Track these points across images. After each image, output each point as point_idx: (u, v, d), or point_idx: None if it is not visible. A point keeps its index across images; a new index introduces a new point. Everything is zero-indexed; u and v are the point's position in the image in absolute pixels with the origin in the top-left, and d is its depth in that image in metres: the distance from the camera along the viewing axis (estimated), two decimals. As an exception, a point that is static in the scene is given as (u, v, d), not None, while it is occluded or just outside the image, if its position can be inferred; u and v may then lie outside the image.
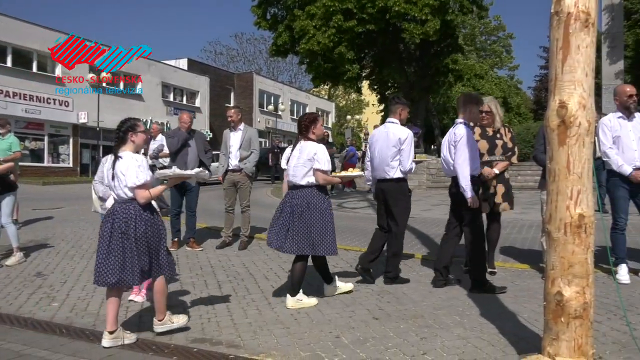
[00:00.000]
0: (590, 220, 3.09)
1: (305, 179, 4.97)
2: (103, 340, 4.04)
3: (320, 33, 20.47)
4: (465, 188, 5.12)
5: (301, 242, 4.89)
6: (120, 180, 4.07)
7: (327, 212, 4.98)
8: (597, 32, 3.25)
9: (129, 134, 4.20)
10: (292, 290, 5.01)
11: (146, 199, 4.09)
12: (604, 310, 4.49)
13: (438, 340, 3.99)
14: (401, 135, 5.59)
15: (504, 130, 6.00)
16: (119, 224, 4.03)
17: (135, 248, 4.02)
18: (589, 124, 3.06)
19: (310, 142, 5.07)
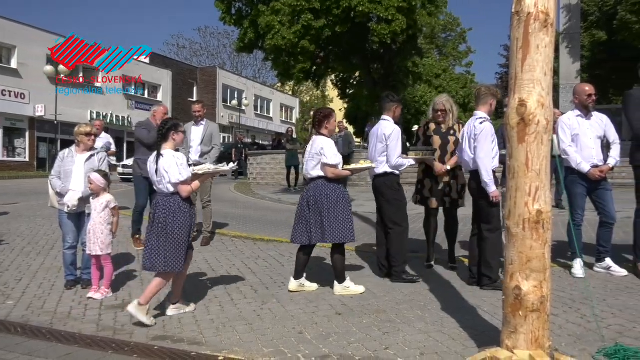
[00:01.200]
0: (547, 216, 3.16)
1: (315, 171, 5.16)
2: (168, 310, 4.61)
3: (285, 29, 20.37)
4: (488, 182, 5.07)
5: (314, 231, 5.11)
6: (163, 176, 4.48)
7: (340, 201, 5.14)
8: (555, 33, 3.33)
9: (171, 133, 4.58)
10: (338, 278, 5.23)
11: (188, 193, 4.55)
12: (560, 304, 4.61)
13: (400, 334, 4.03)
14: (387, 131, 5.62)
15: (458, 127, 6.11)
16: (159, 215, 4.47)
17: (175, 238, 4.44)
18: (547, 122, 3.13)
19: (321, 136, 5.23)
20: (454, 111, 6.09)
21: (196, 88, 44.91)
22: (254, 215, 11.30)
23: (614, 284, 5.30)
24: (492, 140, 5.13)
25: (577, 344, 3.76)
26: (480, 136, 5.11)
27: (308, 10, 19.92)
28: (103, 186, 5.25)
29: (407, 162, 5.70)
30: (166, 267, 4.45)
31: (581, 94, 5.73)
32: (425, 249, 6.38)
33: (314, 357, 3.65)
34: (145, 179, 7.51)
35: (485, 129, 5.13)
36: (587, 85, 5.84)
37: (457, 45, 50.96)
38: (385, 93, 6.23)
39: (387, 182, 5.69)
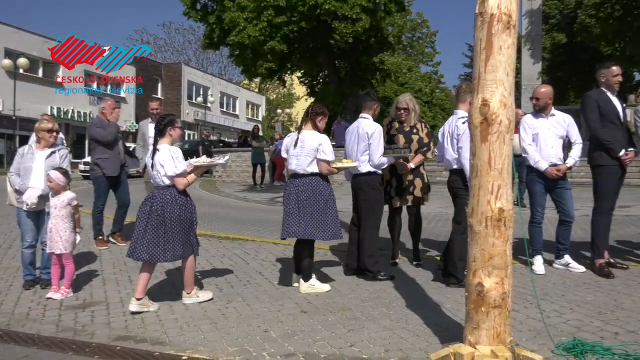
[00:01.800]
0: (509, 214, 3.22)
1: (310, 168, 5.14)
2: (130, 305, 4.58)
3: (251, 26, 20.26)
4: None
5: (307, 227, 5.10)
6: (159, 170, 4.64)
7: (331, 199, 5.21)
8: (518, 35, 3.39)
9: (167, 129, 4.74)
10: (304, 276, 5.22)
11: (184, 186, 4.71)
12: (521, 300, 4.71)
13: (365, 331, 4.05)
14: (369, 130, 5.61)
15: (421, 125, 6.18)
16: (156, 208, 4.61)
17: (170, 229, 4.59)
18: (509, 121, 3.18)
19: (313, 132, 5.23)
20: (417, 110, 6.15)
21: (161, 84, 44.27)
22: (219, 213, 11.22)
23: (572, 280, 5.43)
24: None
25: (537, 338, 3.85)
26: (464, 136, 5.06)
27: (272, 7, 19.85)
28: (63, 184, 5.14)
29: (388, 161, 5.72)
30: (165, 258, 4.64)
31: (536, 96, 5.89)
32: (390, 247, 6.43)
33: (279, 356, 3.64)
34: (106, 179, 7.38)
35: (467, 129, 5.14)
36: (544, 87, 5.98)
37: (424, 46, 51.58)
38: (365, 91, 6.25)
39: (369, 181, 5.68)
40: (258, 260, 6.62)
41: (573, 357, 3.49)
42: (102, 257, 6.82)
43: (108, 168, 7.32)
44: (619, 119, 5.66)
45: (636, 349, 3.60)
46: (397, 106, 6.16)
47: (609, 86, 5.74)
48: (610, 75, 5.73)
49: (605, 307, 4.54)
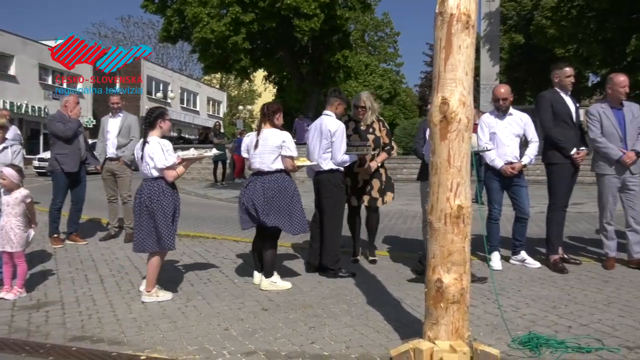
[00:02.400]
0: (468, 211, 3.27)
1: (275, 164, 5.17)
2: (142, 297, 4.80)
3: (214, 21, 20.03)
4: None
5: (277, 220, 5.15)
6: (148, 162, 4.71)
7: (296, 195, 5.27)
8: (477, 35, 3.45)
9: (158, 121, 4.83)
10: (266, 273, 5.23)
11: (174, 178, 4.80)
12: (478, 295, 4.79)
13: (326, 329, 4.07)
14: (332, 127, 5.60)
15: (378, 125, 6.20)
16: (144, 199, 4.73)
17: (162, 219, 4.71)
18: (468, 120, 3.23)
19: (275, 129, 5.26)
20: (374, 108, 6.17)
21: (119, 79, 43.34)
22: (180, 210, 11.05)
23: (528, 276, 5.56)
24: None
25: (494, 333, 3.93)
26: None
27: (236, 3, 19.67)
28: (17, 182, 4.98)
29: (350, 158, 5.73)
30: (159, 247, 4.77)
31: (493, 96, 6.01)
32: (351, 245, 6.45)
33: (239, 354, 3.62)
34: (65, 175, 7.19)
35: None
36: (502, 87, 6.10)
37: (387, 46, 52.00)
38: (333, 88, 6.26)
39: (331, 179, 5.68)
40: (219, 258, 6.56)
41: (529, 350, 3.58)
42: (57, 256, 6.64)
43: (67, 164, 7.14)
44: (571, 119, 5.82)
45: (588, 341, 3.71)
46: (355, 104, 6.17)
47: (562, 86, 5.90)
48: (563, 75, 5.89)
49: (560, 301, 4.67)
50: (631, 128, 5.69)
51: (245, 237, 7.76)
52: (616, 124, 5.71)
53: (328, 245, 5.67)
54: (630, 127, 5.69)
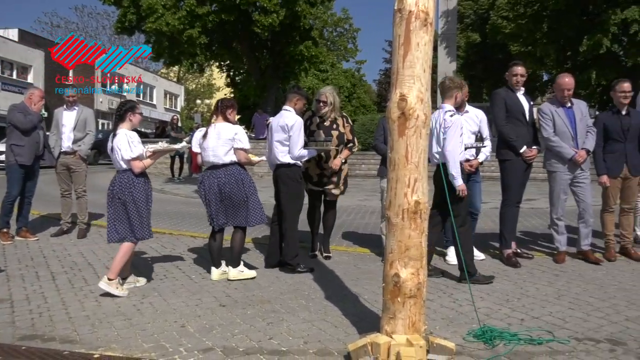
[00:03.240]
0: (425, 206, 3.31)
1: (228, 157, 5.24)
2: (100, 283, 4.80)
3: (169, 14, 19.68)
4: (455, 175, 5.07)
5: (237, 215, 5.26)
6: (117, 153, 4.81)
7: (252, 187, 5.35)
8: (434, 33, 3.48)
9: (128, 114, 4.92)
10: (233, 262, 5.30)
11: (140, 169, 4.87)
12: (435, 289, 4.87)
13: (284, 324, 4.06)
14: (289, 122, 5.59)
15: (342, 121, 6.21)
16: (116, 191, 4.84)
17: (134, 209, 4.84)
18: (425, 116, 3.27)
19: (227, 123, 5.32)
20: (336, 104, 6.16)
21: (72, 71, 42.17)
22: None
23: (482, 270, 5.66)
24: (460, 133, 5.16)
25: (449, 326, 4.00)
26: (450, 129, 5.10)
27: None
28: None
29: (309, 153, 5.73)
30: (134, 236, 4.90)
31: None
32: (309, 240, 6.46)
33: (196, 351, 3.58)
34: (20, 167, 6.97)
35: (455, 123, 5.14)
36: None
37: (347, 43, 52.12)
38: (292, 84, 6.26)
39: (289, 173, 5.68)
40: (175, 254, 6.47)
41: (483, 343, 3.65)
42: (6, 252, 6.43)
43: (22, 155, 6.94)
44: (524, 117, 5.95)
45: (540, 333, 3.82)
46: (317, 98, 6.18)
47: (515, 85, 6.03)
48: (511, 74, 6.03)
49: (512, 295, 4.79)
50: (581, 126, 5.87)
51: (202, 233, 7.68)
52: (567, 122, 5.86)
53: (287, 240, 5.66)
54: (580, 126, 5.86)
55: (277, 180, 5.80)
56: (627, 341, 3.68)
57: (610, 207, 6.11)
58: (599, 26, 20.54)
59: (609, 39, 20.26)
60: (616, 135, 5.97)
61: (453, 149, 5.09)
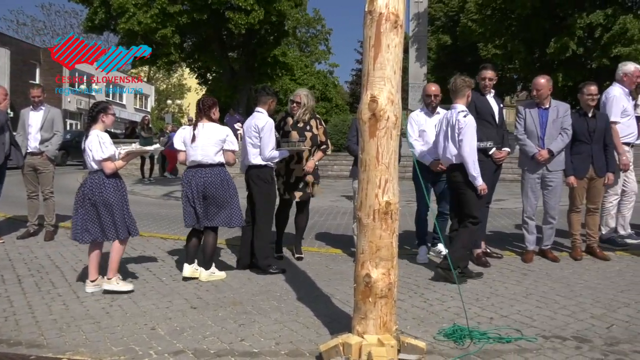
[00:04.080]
0: (395, 207, 3.34)
1: (218, 157, 5.31)
2: (86, 287, 4.91)
3: (141, 13, 19.45)
4: (476, 176, 5.11)
5: (218, 216, 5.31)
6: (88, 154, 4.84)
7: (235, 188, 5.43)
8: (405, 35, 3.51)
9: (100, 115, 4.93)
10: (205, 264, 5.36)
11: (112, 170, 4.87)
12: (406, 289, 4.91)
13: (256, 325, 4.05)
14: (259, 123, 5.60)
15: (315, 122, 6.22)
16: (87, 191, 4.83)
17: (102, 212, 4.81)
18: (396, 118, 3.29)
19: (214, 124, 5.40)
20: (310, 105, 6.17)
21: (39, 69, 41.35)
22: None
23: (453, 270, 5.74)
24: (474, 133, 5.19)
25: (420, 326, 4.04)
26: (465, 130, 5.13)
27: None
28: None
29: (281, 154, 5.73)
30: (104, 237, 4.90)
31: (423, 93, 6.18)
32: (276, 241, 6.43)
33: (167, 354, 3.54)
34: None
35: (469, 123, 5.16)
36: (433, 86, 6.30)
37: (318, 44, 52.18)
38: (262, 86, 6.27)
39: (260, 174, 5.68)
40: (146, 256, 6.39)
41: (453, 342, 3.70)
42: (-30, 255, 6.27)
43: None
44: (493, 119, 6.04)
45: (508, 332, 3.88)
46: (291, 99, 6.20)
47: (484, 88, 6.12)
48: (479, 77, 6.12)
49: (482, 294, 4.86)
50: (552, 128, 5.93)
51: (173, 235, 7.62)
52: (537, 123, 5.96)
53: (259, 242, 5.65)
54: (551, 127, 5.93)
55: (248, 181, 5.78)
56: (592, 338, 3.76)
57: (577, 207, 6.23)
58: (566, 30, 21.00)
59: (574, 42, 20.72)
60: (582, 137, 6.09)
61: (471, 150, 5.15)
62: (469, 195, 5.26)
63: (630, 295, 4.74)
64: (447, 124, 5.38)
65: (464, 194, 5.31)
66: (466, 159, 5.15)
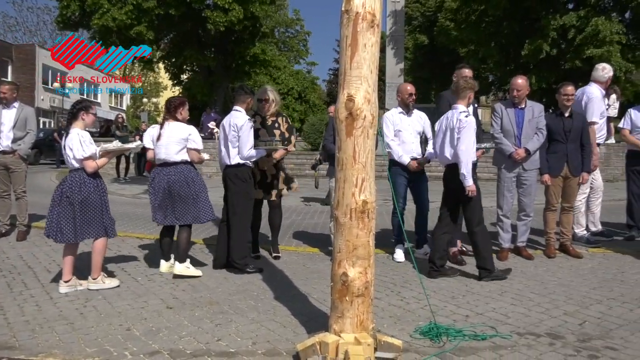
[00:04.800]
0: (372, 206, 3.35)
1: (180, 156, 5.36)
2: (60, 288, 4.85)
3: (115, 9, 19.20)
4: (466, 175, 5.10)
5: (186, 213, 5.35)
6: (68, 153, 4.82)
7: (202, 185, 5.49)
8: (382, 34, 3.52)
9: (81, 113, 4.92)
10: (180, 257, 5.40)
11: (93, 169, 4.87)
12: (382, 288, 4.93)
13: (232, 325, 4.03)
14: (238, 122, 5.58)
15: (282, 120, 6.24)
16: (65, 190, 4.79)
17: (79, 211, 4.77)
18: (372, 117, 3.30)
19: (180, 123, 5.45)
20: (277, 100, 6.20)
21: (11, 67, 40.59)
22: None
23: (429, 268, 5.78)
24: (473, 133, 5.21)
25: (397, 324, 4.06)
26: (465, 130, 5.14)
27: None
28: None
29: (258, 153, 5.71)
30: (76, 238, 4.84)
31: (403, 92, 6.18)
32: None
33: (142, 354, 3.51)
34: None
35: (470, 123, 5.17)
36: (409, 85, 6.33)
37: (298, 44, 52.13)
38: (239, 84, 6.24)
39: (238, 173, 5.65)
40: (121, 256, 6.32)
41: (429, 340, 3.73)
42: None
43: None
44: None
45: (484, 329, 3.92)
46: (260, 97, 6.15)
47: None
48: (459, 76, 6.17)
49: (458, 292, 4.90)
50: (528, 127, 6.02)
51: (149, 234, 7.54)
52: (514, 122, 6.05)
53: (235, 241, 5.62)
54: (527, 127, 6.02)
55: (226, 180, 5.75)
56: (565, 335, 3.82)
57: (552, 206, 6.31)
58: (539, 31, 21.29)
59: (548, 44, 21.02)
60: (558, 136, 6.18)
61: (467, 149, 5.15)
62: (465, 197, 5.27)
63: (602, 292, 4.82)
64: (446, 124, 5.40)
65: (459, 196, 5.33)
66: (460, 157, 5.16)
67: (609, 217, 8.63)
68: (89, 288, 4.89)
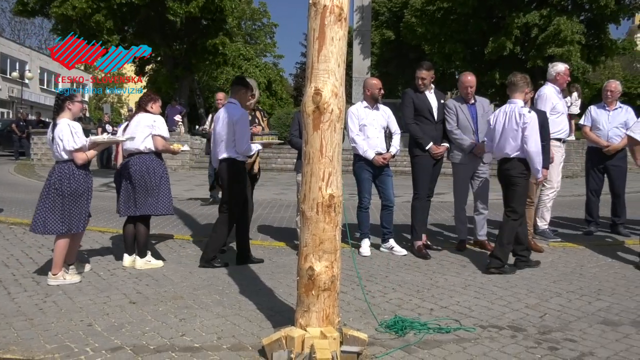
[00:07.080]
0: (339, 200, 3.35)
1: (145, 143, 5.34)
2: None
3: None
4: (540, 169, 5.27)
5: (144, 203, 5.31)
6: (57, 144, 4.73)
7: (164, 176, 5.45)
8: (349, 29, 3.52)
9: (66, 103, 4.84)
10: (140, 252, 5.42)
11: (83, 161, 4.82)
12: (349, 282, 4.95)
13: (197, 320, 3.99)
14: (234, 115, 5.45)
15: (260, 115, 6.26)
16: (54, 181, 4.75)
17: (68, 203, 4.74)
18: (340, 111, 3.30)
19: (148, 113, 5.47)
20: (257, 95, 6.20)
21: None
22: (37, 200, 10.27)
23: (394, 262, 5.84)
24: (538, 128, 5.25)
25: (362, 318, 4.08)
26: (530, 125, 5.19)
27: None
28: None
29: (255, 148, 5.66)
30: (63, 229, 4.75)
31: (373, 87, 6.20)
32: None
33: (104, 350, 3.44)
34: None
35: (533, 118, 5.21)
36: (375, 80, 6.35)
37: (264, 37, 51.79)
38: (237, 76, 6.16)
39: (231, 167, 5.56)
40: (83, 250, 6.17)
41: (394, 333, 3.75)
42: None
43: None
44: (432, 115, 6.17)
45: (448, 322, 3.97)
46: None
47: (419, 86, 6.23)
48: (415, 76, 6.25)
49: (423, 285, 4.95)
50: (482, 122, 6.17)
51: (111, 228, 7.40)
52: (470, 117, 6.18)
53: (215, 235, 5.60)
54: (482, 121, 6.17)
55: (219, 175, 5.70)
56: (526, 327, 3.90)
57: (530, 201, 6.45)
58: (503, 29, 21.62)
59: (511, 42, 21.36)
60: None
61: (536, 145, 5.22)
62: (519, 189, 5.37)
63: (561, 285, 4.94)
64: (505, 117, 5.41)
65: (513, 189, 5.39)
66: (532, 153, 5.23)
67: (569, 212, 8.86)
68: (49, 284, 4.79)
